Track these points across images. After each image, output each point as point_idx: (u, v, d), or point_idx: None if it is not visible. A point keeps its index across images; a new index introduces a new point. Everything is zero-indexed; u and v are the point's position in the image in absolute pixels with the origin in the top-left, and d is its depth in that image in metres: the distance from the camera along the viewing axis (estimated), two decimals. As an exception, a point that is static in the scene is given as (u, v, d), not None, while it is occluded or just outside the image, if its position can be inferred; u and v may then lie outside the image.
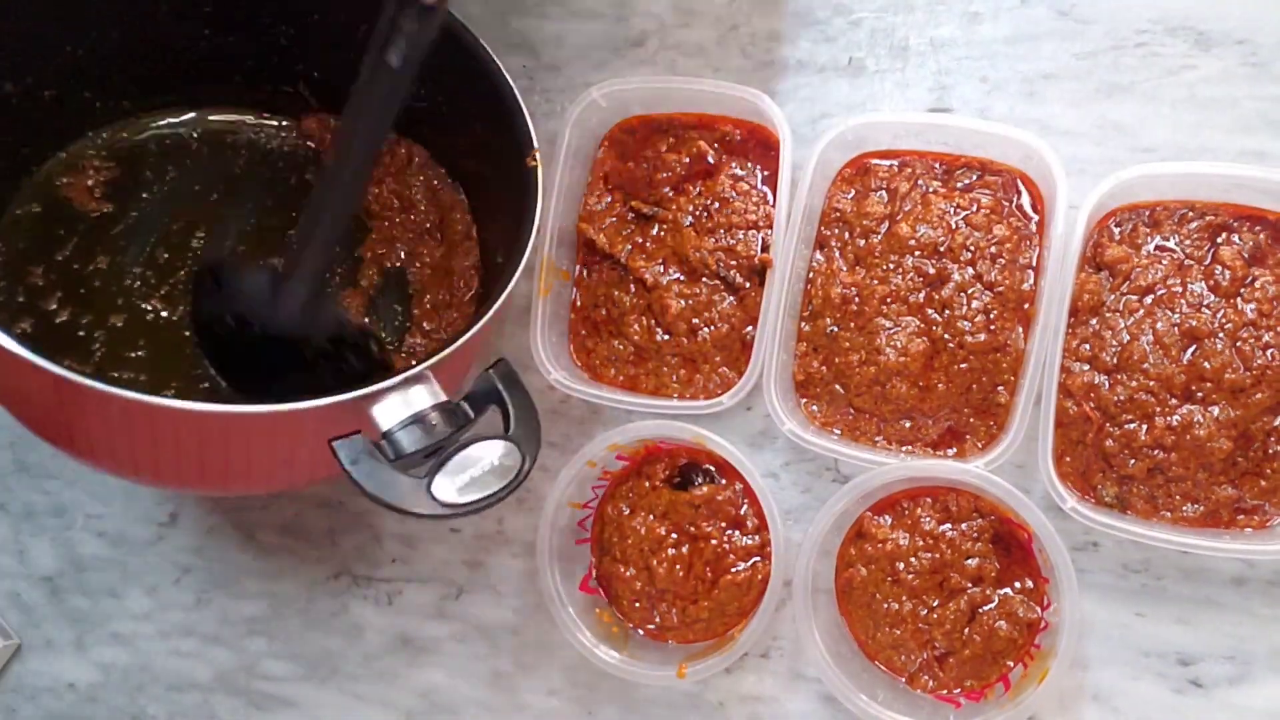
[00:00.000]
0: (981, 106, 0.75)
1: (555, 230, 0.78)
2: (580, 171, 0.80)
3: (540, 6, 0.83)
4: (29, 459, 0.89)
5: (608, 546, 0.78)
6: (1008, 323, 0.72)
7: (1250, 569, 0.69)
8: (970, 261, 0.72)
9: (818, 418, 0.75)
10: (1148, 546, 0.70)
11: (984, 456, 0.70)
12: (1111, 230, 0.71)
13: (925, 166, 0.75)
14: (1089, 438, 0.70)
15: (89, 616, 0.88)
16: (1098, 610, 0.71)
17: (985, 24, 0.76)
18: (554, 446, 0.81)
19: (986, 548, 0.71)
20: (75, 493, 0.88)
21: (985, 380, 0.72)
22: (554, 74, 0.82)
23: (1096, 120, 0.73)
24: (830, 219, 0.76)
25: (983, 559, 0.71)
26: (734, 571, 0.75)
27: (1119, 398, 0.69)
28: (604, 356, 0.80)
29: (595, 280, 0.81)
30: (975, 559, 0.71)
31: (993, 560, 0.71)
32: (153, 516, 0.88)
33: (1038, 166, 0.71)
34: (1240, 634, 0.69)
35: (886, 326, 0.73)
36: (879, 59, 0.77)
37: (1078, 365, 0.70)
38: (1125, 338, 0.70)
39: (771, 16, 0.79)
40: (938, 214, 0.73)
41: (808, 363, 0.75)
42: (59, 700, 0.88)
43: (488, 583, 0.82)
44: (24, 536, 0.89)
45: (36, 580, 0.89)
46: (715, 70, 0.80)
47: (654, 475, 0.77)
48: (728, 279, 0.77)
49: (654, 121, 0.80)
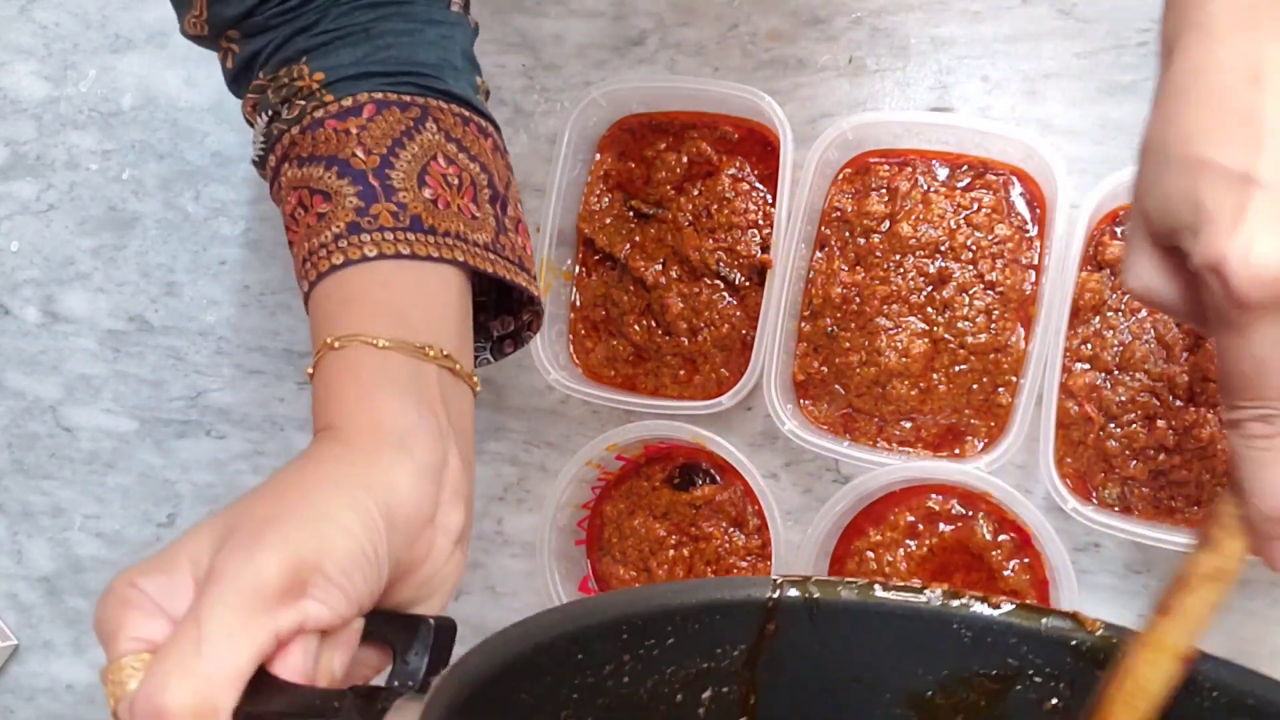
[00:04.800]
0: (982, 105, 0.75)
1: (555, 230, 0.78)
2: (580, 171, 0.80)
3: (539, 5, 0.82)
4: (26, 459, 0.89)
5: (607, 547, 0.78)
6: (1009, 323, 0.72)
7: (1252, 570, 0.69)
8: (971, 261, 0.72)
9: (818, 418, 0.75)
10: (1149, 547, 0.69)
11: (985, 457, 0.70)
12: (1113, 229, 0.71)
13: (926, 166, 0.74)
14: (1090, 438, 0.70)
15: (87, 617, 0.88)
16: (1099, 611, 0.70)
17: (986, 23, 0.75)
18: (553, 447, 0.80)
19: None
20: (73, 493, 0.88)
21: (986, 381, 0.72)
22: (553, 73, 0.82)
23: (1098, 119, 0.73)
24: (830, 219, 0.76)
25: (984, 560, 0.71)
26: (734, 572, 0.74)
27: (1120, 398, 0.69)
28: (603, 357, 0.80)
29: (595, 280, 0.81)
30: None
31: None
32: (151, 517, 0.87)
33: (1039, 166, 0.71)
34: (1242, 635, 0.69)
35: (887, 327, 0.73)
36: (879, 58, 0.77)
37: (1079, 365, 0.70)
38: (1127, 337, 0.70)
39: (771, 16, 0.79)
40: (938, 213, 0.73)
41: (808, 363, 0.75)
42: (56, 701, 0.88)
43: (487, 583, 0.81)
44: (21, 537, 0.89)
45: (34, 581, 0.89)
46: (715, 70, 0.80)
47: (654, 475, 0.77)
48: (728, 279, 0.77)
49: (654, 121, 0.80)
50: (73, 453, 0.89)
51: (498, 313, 0.64)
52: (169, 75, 0.90)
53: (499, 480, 0.82)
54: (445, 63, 0.60)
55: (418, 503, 0.48)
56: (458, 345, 0.56)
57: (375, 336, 0.52)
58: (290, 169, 0.58)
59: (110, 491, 0.88)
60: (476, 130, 0.60)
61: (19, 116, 0.93)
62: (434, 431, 0.51)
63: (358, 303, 0.54)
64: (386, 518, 0.46)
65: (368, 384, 0.51)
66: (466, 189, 0.58)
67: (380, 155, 0.56)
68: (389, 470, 0.48)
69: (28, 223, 0.92)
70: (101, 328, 0.90)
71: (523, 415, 0.82)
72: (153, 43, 0.90)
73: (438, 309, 0.55)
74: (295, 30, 0.59)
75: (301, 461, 0.49)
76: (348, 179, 0.55)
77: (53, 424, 0.90)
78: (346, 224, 0.54)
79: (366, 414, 0.50)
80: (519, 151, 0.82)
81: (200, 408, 0.87)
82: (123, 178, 0.90)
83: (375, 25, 0.59)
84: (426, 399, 0.52)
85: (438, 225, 0.56)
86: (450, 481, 0.51)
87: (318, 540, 0.43)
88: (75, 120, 0.91)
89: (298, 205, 0.57)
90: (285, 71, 0.59)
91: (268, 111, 0.59)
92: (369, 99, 0.57)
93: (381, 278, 0.54)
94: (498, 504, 0.82)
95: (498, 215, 0.59)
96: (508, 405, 0.82)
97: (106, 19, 0.91)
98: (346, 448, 0.49)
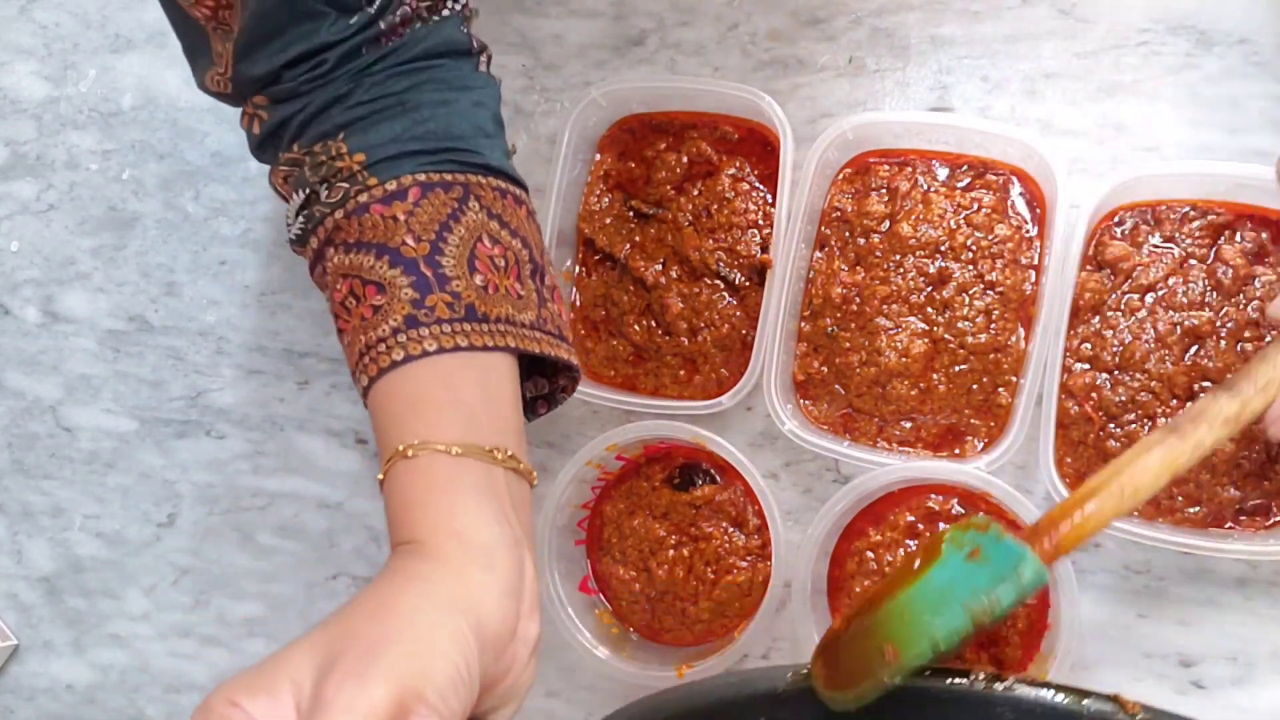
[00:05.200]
0: (982, 105, 0.75)
1: (555, 230, 0.78)
2: (580, 171, 0.80)
3: (540, 5, 0.82)
4: (26, 459, 0.89)
5: (607, 547, 0.78)
6: (1009, 323, 0.72)
7: (1253, 570, 0.69)
8: (971, 261, 0.72)
9: (818, 418, 0.75)
10: (1149, 547, 0.69)
11: (985, 457, 0.70)
12: (1113, 229, 0.71)
13: (926, 166, 0.74)
14: (1090, 438, 0.70)
15: (87, 617, 0.88)
16: (1099, 611, 0.71)
17: (986, 23, 0.75)
18: (553, 447, 0.80)
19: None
20: (73, 493, 0.88)
21: (986, 380, 0.72)
22: (553, 73, 0.82)
23: (1098, 119, 0.73)
24: (830, 219, 0.75)
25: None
26: (734, 572, 0.74)
27: (1120, 398, 0.69)
28: (603, 356, 0.80)
29: (595, 280, 0.81)
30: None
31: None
32: (151, 517, 0.87)
33: (1039, 165, 0.71)
34: (1242, 635, 0.69)
35: (887, 327, 0.73)
36: (879, 58, 0.77)
37: (1079, 365, 0.70)
38: (1127, 337, 0.69)
39: (771, 16, 0.79)
40: (938, 213, 0.73)
41: (808, 363, 0.75)
42: (56, 701, 0.88)
43: (487, 584, 0.81)
44: (21, 537, 0.89)
45: (34, 581, 0.89)
46: (715, 70, 0.80)
47: (654, 475, 0.77)
48: (728, 279, 0.76)
49: (654, 121, 0.80)
50: (73, 453, 0.89)
51: (529, 374, 0.64)
52: (169, 75, 0.90)
53: (499, 480, 0.82)
54: (479, 131, 0.60)
55: (504, 619, 0.49)
56: (517, 440, 0.56)
57: (447, 444, 0.52)
58: (337, 255, 0.57)
59: (110, 491, 0.88)
60: (513, 201, 0.60)
61: (19, 116, 0.93)
62: (511, 542, 0.51)
63: (425, 405, 0.54)
64: (478, 637, 0.47)
65: (446, 496, 0.52)
66: (511, 268, 0.58)
67: (429, 241, 0.55)
68: (477, 589, 0.49)
69: (28, 223, 0.92)
70: (101, 328, 0.90)
71: (523, 415, 0.82)
72: (153, 43, 0.90)
73: (499, 402, 0.55)
74: (329, 100, 0.58)
75: (393, 579, 0.49)
76: (400, 269, 0.55)
77: (53, 424, 0.90)
78: (404, 317, 0.54)
79: (448, 528, 0.51)
80: (519, 151, 0.82)
81: (200, 408, 0.87)
82: (123, 178, 0.90)
83: (410, 96, 0.58)
84: (500, 506, 0.53)
85: (490, 312, 0.55)
86: (529, 592, 0.52)
87: (420, 666, 0.44)
88: (75, 120, 0.91)
89: (349, 294, 0.56)
90: (322, 148, 0.58)
91: (304, 190, 0.58)
92: (413, 182, 0.56)
93: (443, 375, 0.54)
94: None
95: (538, 288, 0.59)
96: (508, 405, 0.82)
97: (106, 19, 0.91)
98: (435, 565, 0.50)
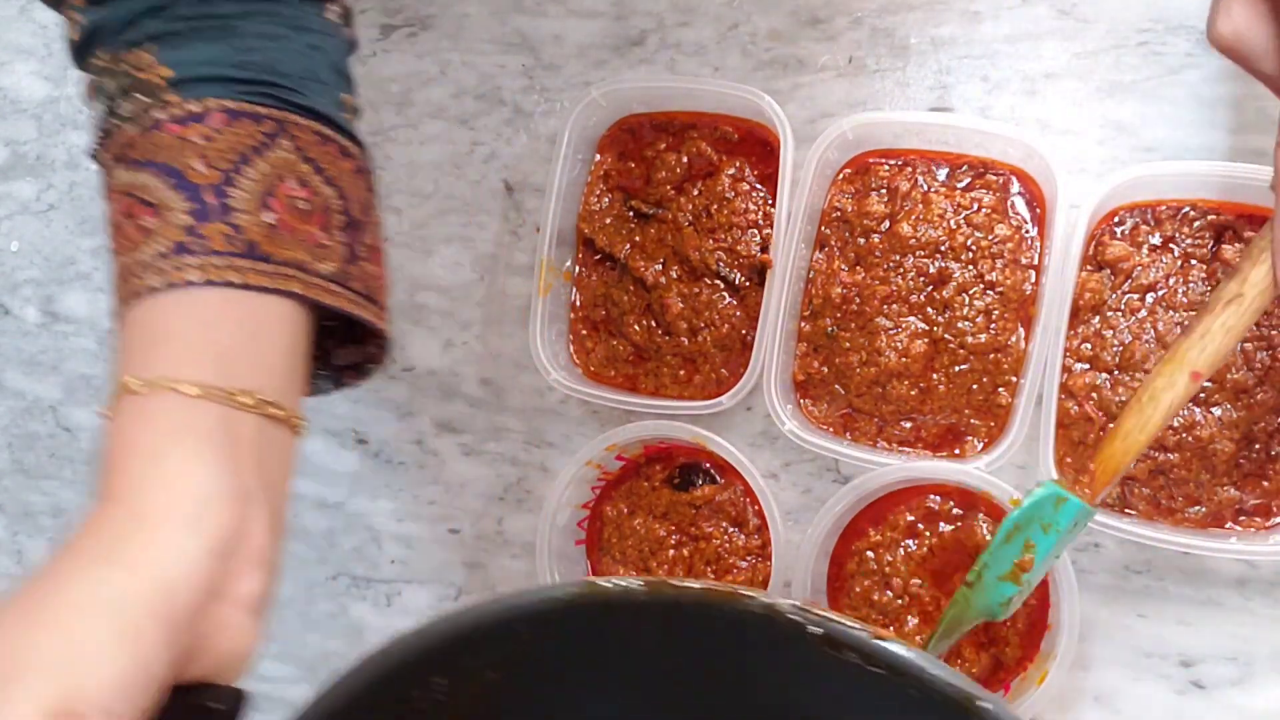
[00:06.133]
0: (982, 105, 0.75)
1: (555, 230, 0.78)
2: (580, 171, 0.80)
3: (539, 5, 0.82)
4: (26, 459, 0.89)
5: (607, 547, 0.78)
6: (1009, 323, 0.72)
7: (1252, 570, 0.69)
8: (971, 261, 0.72)
9: (818, 418, 0.75)
10: (1149, 547, 0.69)
11: (985, 457, 0.70)
12: (1113, 229, 0.71)
13: (926, 166, 0.74)
14: (1090, 438, 0.70)
15: (87, 617, 0.88)
16: (1099, 611, 0.71)
17: (986, 23, 0.75)
18: (553, 447, 0.80)
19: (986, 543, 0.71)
20: (73, 493, 0.88)
21: (986, 381, 0.72)
22: (553, 73, 0.82)
23: (1098, 119, 0.73)
24: (830, 219, 0.76)
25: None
26: (734, 572, 0.74)
27: (1120, 398, 0.69)
28: (603, 357, 0.80)
29: (595, 280, 0.81)
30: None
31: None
32: (151, 517, 0.87)
33: (1039, 166, 0.71)
34: (1242, 635, 0.69)
35: (887, 327, 0.73)
36: (879, 58, 0.77)
37: (1079, 365, 0.70)
38: (1127, 337, 0.69)
39: (771, 16, 0.79)
40: (939, 213, 0.73)
41: (808, 363, 0.75)
42: (57, 701, 0.88)
43: (487, 584, 0.81)
44: (21, 537, 0.89)
45: (34, 581, 0.89)
46: (715, 70, 0.80)
47: (654, 476, 0.77)
48: (728, 279, 0.76)
49: (654, 121, 0.80)
50: (73, 453, 0.89)
51: (346, 341, 0.58)
52: (169, 75, 0.90)
53: (499, 480, 0.82)
54: (310, 74, 0.54)
55: (200, 581, 0.45)
56: (283, 385, 0.51)
57: (186, 383, 0.48)
58: (121, 171, 0.52)
59: (110, 491, 0.88)
60: (337, 151, 0.55)
61: (19, 116, 0.93)
62: (234, 494, 0.47)
63: (173, 341, 0.49)
64: (166, 613, 0.43)
65: (165, 440, 0.47)
66: (316, 215, 0.53)
67: (223, 170, 0.50)
68: (168, 555, 0.44)
69: (28, 223, 0.92)
70: (101, 327, 0.90)
71: (523, 415, 0.82)
72: (153, 43, 0.90)
73: (265, 348, 0.51)
74: (146, 7, 0.52)
75: (59, 566, 0.44)
76: (181, 193, 0.50)
77: (53, 424, 0.90)
78: (174, 243, 0.49)
79: (157, 478, 0.46)
80: (519, 151, 0.82)
81: (200, 408, 0.87)
82: (123, 178, 0.90)
83: (238, 23, 0.53)
84: (233, 454, 0.48)
85: (275, 253, 0.51)
86: (246, 550, 0.47)
87: (74, 680, 0.40)
88: (75, 120, 0.91)
89: (124, 215, 0.51)
90: (130, 55, 0.52)
91: (105, 100, 0.53)
92: (219, 106, 0.51)
93: (202, 310, 0.49)
94: (498, 504, 0.82)
95: (349, 243, 0.54)
96: (508, 405, 0.82)
97: (106, 19, 0.91)
98: (116, 538, 0.45)
